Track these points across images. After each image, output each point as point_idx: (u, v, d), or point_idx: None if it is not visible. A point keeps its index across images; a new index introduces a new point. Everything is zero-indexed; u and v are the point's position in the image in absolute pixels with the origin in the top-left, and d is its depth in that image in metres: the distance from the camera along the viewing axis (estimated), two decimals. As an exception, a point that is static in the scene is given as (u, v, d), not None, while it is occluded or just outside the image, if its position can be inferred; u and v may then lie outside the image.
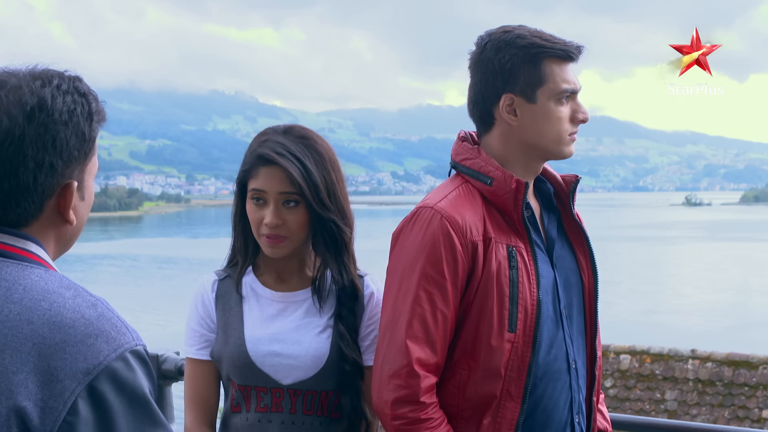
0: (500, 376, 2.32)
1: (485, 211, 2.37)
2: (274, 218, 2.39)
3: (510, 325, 2.30)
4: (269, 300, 2.50)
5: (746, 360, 12.92)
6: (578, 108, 2.38)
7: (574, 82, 2.35)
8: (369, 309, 2.52)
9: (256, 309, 2.49)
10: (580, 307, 2.47)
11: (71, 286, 1.50)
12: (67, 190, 1.56)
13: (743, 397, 12.71)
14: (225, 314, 2.49)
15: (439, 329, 2.30)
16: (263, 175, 2.40)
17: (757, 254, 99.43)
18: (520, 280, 2.32)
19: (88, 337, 1.41)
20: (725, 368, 12.86)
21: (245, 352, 2.41)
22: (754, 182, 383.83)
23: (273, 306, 2.49)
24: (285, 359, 2.41)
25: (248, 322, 2.46)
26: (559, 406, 2.39)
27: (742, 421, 12.52)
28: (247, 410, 2.43)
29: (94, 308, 1.46)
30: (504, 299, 2.31)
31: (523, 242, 2.36)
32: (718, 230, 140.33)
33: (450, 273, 2.29)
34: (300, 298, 2.50)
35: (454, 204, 2.35)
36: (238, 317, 2.47)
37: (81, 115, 1.55)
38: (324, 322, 2.46)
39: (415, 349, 2.27)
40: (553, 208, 2.50)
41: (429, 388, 2.29)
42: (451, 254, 2.29)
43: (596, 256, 2.52)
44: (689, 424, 4.09)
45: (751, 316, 55.71)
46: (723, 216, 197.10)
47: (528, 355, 2.32)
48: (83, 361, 1.39)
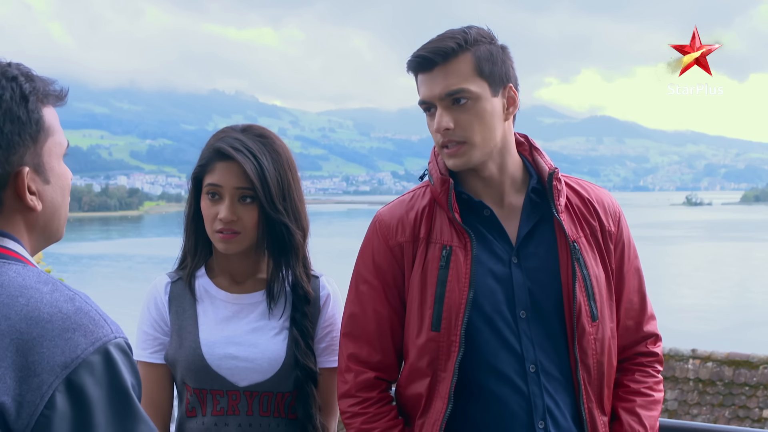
0: (426, 375, 2.33)
1: (429, 213, 2.38)
2: (229, 213, 2.36)
3: (433, 324, 2.30)
4: (224, 302, 2.47)
5: (747, 360, 12.91)
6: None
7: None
8: (325, 311, 2.51)
9: (210, 311, 2.46)
10: (553, 309, 2.34)
11: (49, 281, 1.48)
12: (18, 177, 1.53)
13: (744, 397, 12.69)
14: (179, 317, 2.46)
15: (372, 327, 2.38)
16: (219, 170, 2.38)
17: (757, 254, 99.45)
18: (450, 279, 2.30)
19: (66, 331, 1.40)
20: (726, 368, 12.85)
21: (201, 356, 2.39)
22: (754, 182, 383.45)
23: (228, 308, 2.46)
24: (241, 362, 2.39)
25: (203, 325, 2.44)
26: (511, 410, 2.30)
27: (743, 421, 12.51)
28: (203, 414, 2.41)
29: (71, 302, 1.45)
30: (427, 298, 2.31)
31: (462, 242, 2.33)
32: (719, 230, 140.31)
33: (377, 273, 2.38)
34: (254, 300, 2.48)
35: (393, 207, 2.45)
36: (193, 320, 2.44)
37: (11, 99, 1.52)
38: (280, 324, 2.45)
39: (348, 345, 2.40)
40: (539, 204, 2.40)
41: (364, 382, 2.37)
42: (378, 255, 2.39)
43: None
44: (690, 423, 4.09)
45: (752, 315, 55.70)
46: (723, 216, 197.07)
47: (455, 354, 2.28)
48: (60, 355, 1.38)
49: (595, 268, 2.38)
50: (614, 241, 2.45)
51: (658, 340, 2.53)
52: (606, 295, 2.40)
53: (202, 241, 2.50)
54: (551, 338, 2.34)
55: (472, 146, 2.29)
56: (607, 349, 2.39)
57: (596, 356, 2.36)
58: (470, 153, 2.30)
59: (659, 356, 2.51)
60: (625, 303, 2.47)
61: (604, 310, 2.39)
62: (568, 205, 2.41)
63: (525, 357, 2.31)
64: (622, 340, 2.48)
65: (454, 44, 2.26)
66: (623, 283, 2.46)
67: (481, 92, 2.28)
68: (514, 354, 2.31)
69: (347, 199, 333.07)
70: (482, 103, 2.28)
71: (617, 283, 2.45)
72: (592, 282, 2.36)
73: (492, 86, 2.30)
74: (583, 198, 2.44)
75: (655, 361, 2.51)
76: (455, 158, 2.31)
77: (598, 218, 2.43)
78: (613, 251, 2.44)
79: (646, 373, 2.48)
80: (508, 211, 2.39)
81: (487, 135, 2.30)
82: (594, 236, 2.41)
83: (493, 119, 2.31)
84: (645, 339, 2.51)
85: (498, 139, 2.33)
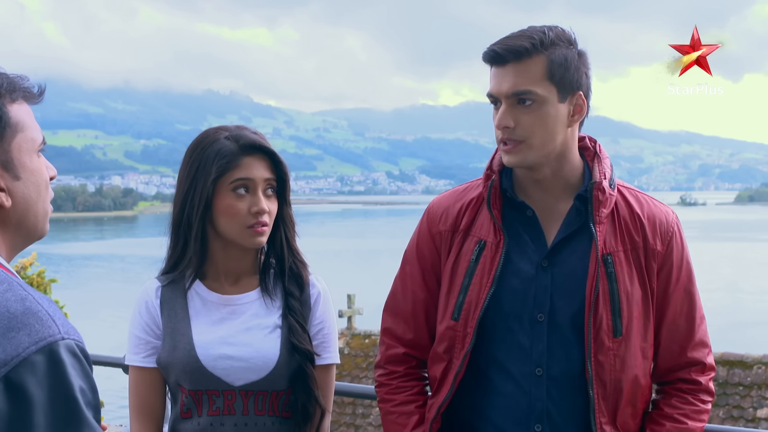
0: (443, 360, 2.41)
1: (475, 205, 2.43)
2: (265, 205, 2.39)
3: (454, 313, 2.38)
4: (216, 304, 2.48)
5: (741, 360, 12.94)
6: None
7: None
8: (316, 309, 2.52)
9: (203, 313, 2.47)
10: (573, 318, 2.32)
11: (5, 281, 1.47)
12: None
13: (738, 397, 12.73)
14: (171, 320, 2.46)
15: (408, 305, 2.50)
16: (248, 164, 2.38)
17: (751, 254, 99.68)
18: (476, 273, 2.35)
19: (10, 330, 1.38)
20: (720, 368, 12.86)
21: (195, 357, 2.39)
22: (748, 182, 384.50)
23: (220, 310, 2.47)
24: (236, 362, 2.40)
25: (196, 327, 2.44)
26: (512, 408, 2.34)
27: (737, 421, 12.54)
28: (198, 415, 2.41)
29: (22, 302, 1.43)
30: (454, 288, 2.39)
31: (496, 238, 2.36)
32: (713, 230, 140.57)
33: (419, 256, 2.49)
34: (247, 300, 2.49)
35: (446, 196, 2.53)
36: (186, 322, 2.45)
37: None
38: (273, 323, 2.46)
39: (386, 319, 2.55)
40: (583, 212, 2.37)
41: (393, 356, 2.51)
42: (422, 240, 2.50)
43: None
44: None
45: (746, 315, 55.78)
46: (718, 216, 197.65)
47: (467, 345, 2.34)
48: (1, 353, 1.36)
49: (628, 283, 2.33)
50: (659, 260, 2.38)
51: (707, 370, 2.44)
52: (639, 313, 2.35)
53: (206, 244, 2.48)
54: (566, 346, 2.33)
55: (529, 147, 2.29)
56: (631, 368, 2.34)
57: (614, 372, 2.32)
58: (526, 152, 2.30)
59: (704, 386, 2.42)
60: (668, 325, 2.40)
61: (632, 328, 2.33)
62: (615, 216, 2.37)
63: (533, 359, 2.32)
64: (664, 363, 2.43)
65: (529, 44, 2.25)
66: (667, 305, 2.40)
67: (548, 96, 2.27)
68: (524, 354, 2.33)
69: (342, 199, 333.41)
70: (547, 107, 2.27)
71: (660, 303, 2.39)
72: (621, 297, 2.31)
73: (561, 91, 2.28)
74: (633, 211, 2.39)
75: (697, 390, 2.42)
76: (510, 155, 2.31)
77: (643, 234, 2.37)
78: (655, 270, 2.37)
79: (684, 400, 2.41)
80: (553, 214, 2.39)
81: (547, 138, 2.30)
82: (635, 252, 2.36)
83: (556, 124, 2.30)
84: (690, 365, 2.42)
85: (557, 144, 2.32)
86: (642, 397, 2.40)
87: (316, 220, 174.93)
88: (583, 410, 2.33)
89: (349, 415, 15.71)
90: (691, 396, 2.42)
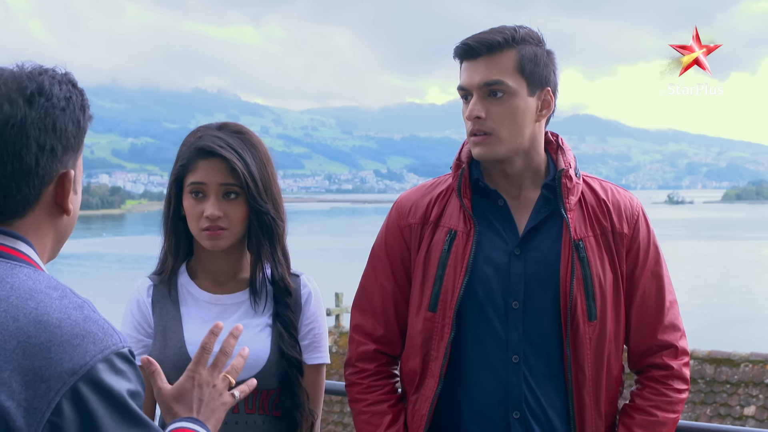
0: (420, 353, 2.42)
1: (444, 197, 2.46)
2: (215, 210, 2.38)
3: (431, 304, 2.39)
4: (207, 303, 2.50)
5: (728, 357, 12.95)
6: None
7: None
8: (306, 309, 2.54)
9: (194, 312, 2.49)
10: (548, 304, 2.36)
11: (58, 287, 1.49)
12: (65, 177, 1.56)
13: (725, 395, 12.74)
14: (162, 318, 2.48)
15: (378, 300, 2.50)
16: (203, 168, 2.40)
17: (739, 252, 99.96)
18: (449, 263, 2.37)
19: (75, 338, 1.40)
20: (707, 366, 12.89)
21: (186, 354, 2.40)
22: (736, 180, 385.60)
23: (211, 309, 2.49)
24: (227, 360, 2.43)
25: (187, 325, 2.46)
26: (489, 396, 2.37)
27: (724, 419, 12.55)
28: None
29: (80, 310, 1.45)
30: (428, 279, 2.40)
31: (467, 227, 2.39)
32: (701, 228, 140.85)
33: (387, 250, 2.50)
34: (237, 300, 2.50)
35: (414, 191, 2.56)
36: (177, 320, 2.47)
37: (76, 104, 1.57)
38: (263, 322, 2.47)
39: (355, 316, 2.56)
40: (551, 200, 2.41)
41: (363, 353, 2.51)
42: (390, 234, 2.51)
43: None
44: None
45: (733, 313, 55.95)
46: (705, 214, 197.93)
47: (447, 336, 2.36)
48: (69, 362, 1.37)
49: (600, 268, 2.37)
50: (627, 243, 2.41)
51: (680, 354, 2.45)
52: (611, 296, 2.38)
53: (183, 241, 2.51)
54: (542, 332, 2.36)
55: (498, 139, 2.32)
56: (605, 351, 2.38)
57: (591, 356, 2.35)
58: (495, 145, 2.33)
59: (676, 371, 2.43)
60: (637, 306, 2.43)
61: (606, 312, 2.37)
62: (583, 203, 2.41)
63: (509, 347, 2.35)
64: (636, 347, 2.47)
65: (501, 38, 2.31)
66: (636, 287, 2.43)
67: (518, 89, 2.32)
68: (499, 342, 2.35)
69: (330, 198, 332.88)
70: (517, 100, 2.32)
71: (629, 286, 2.42)
72: (594, 281, 2.35)
73: (530, 86, 2.34)
74: (599, 198, 2.44)
75: (670, 376, 2.43)
76: (479, 147, 2.34)
77: (611, 219, 2.41)
78: (624, 254, 2.41)
79: (656, 391, 2.42)
80: (523, 203, 2.42)
81: (516, 131, 2.33)
82: (604, 236, 2.40)
83: (525, 118, 2.34)
84: (661, 349, 2.44)
85: (526, 138, 2.36)
86: (616, 382, 2.44)
87: (304, 219, 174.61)
88: (561, 396, 2.37)
89: (338, 414, 15.67)
90: (663, 386, 2.42)
